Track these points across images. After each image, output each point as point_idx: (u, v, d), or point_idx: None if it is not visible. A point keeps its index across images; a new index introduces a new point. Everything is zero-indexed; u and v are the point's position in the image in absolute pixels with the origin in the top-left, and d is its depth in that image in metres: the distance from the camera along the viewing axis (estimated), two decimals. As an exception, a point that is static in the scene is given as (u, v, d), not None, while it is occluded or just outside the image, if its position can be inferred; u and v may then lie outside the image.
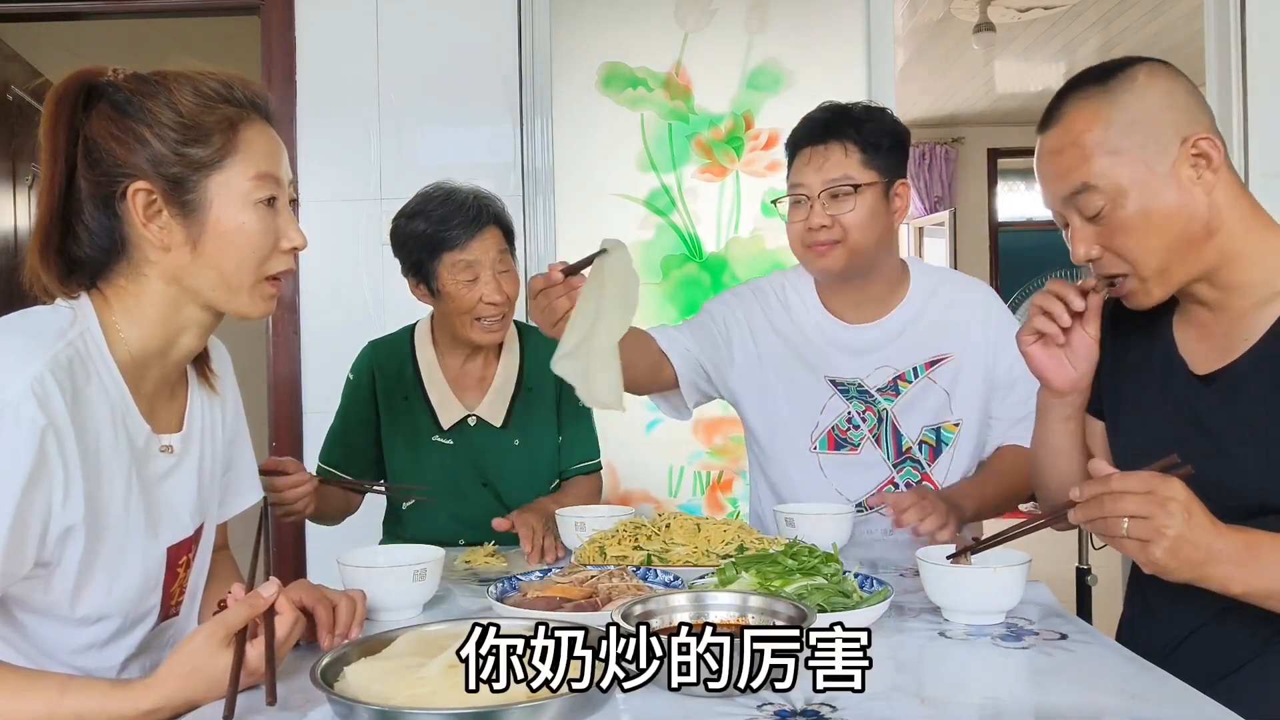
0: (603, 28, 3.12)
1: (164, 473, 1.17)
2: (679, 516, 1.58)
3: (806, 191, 1.75)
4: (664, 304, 3.12)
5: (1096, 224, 1.21)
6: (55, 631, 1.09)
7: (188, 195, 1.08)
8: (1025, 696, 0.97)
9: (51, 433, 0.98)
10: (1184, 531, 1.01)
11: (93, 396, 1.05)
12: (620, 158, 3.12)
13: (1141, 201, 1.18)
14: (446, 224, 1.84)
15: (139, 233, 1.08)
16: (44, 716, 0.96)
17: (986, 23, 4.88)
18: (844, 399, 1.84)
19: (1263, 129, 2.82)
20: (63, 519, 1.02)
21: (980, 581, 1.22)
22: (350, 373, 1.99)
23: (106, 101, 1.09)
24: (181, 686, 0.98)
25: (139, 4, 3.08)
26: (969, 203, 7.49)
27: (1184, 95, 1.20)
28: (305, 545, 2.87)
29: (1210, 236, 1.19)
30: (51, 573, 1.05)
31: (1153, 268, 1.20)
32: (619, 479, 2.97)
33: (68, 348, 1.04)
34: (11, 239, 3.51)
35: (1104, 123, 1.19)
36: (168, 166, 1.07)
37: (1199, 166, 1.17)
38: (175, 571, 1.19)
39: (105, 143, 1.07)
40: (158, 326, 1.13)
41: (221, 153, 1.09)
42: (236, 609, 1.01)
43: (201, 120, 1.08)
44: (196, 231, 1.09)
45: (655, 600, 1.13)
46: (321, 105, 2.88)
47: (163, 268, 1.10)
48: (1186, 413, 1.20)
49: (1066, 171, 1.21)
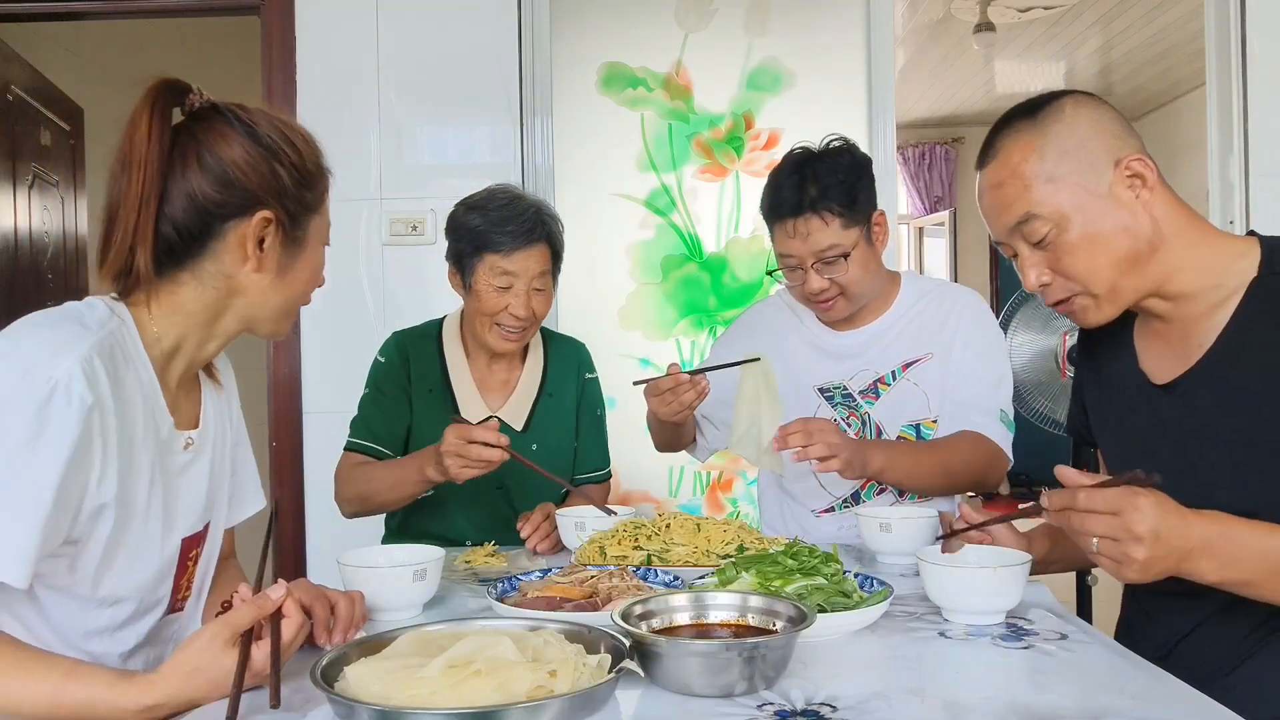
0: (603, 28, 3.13)
1: (182, 466, 1.20)
2: (679, 516, 1.58)
3: (797, 262, 1.80)
4: (664, 304, 3.12)
5: (1043, 250, 1.24)
6: (73, 612, 1.10)
7: (297, 231, 1.19)
8: (1025, 696, 0.97)
9: (97, 411, 1.03)
10: (1153, 553, 1.03)
11: (129, 383, 1.10)
12: (620, 158, 3.12)
13: (1084, 224, 1.21)
14: (500, 228, 1.83)
15: (234, 249, 1.14)
16: (49, 698, 0.97)
17: (986, 23, 4.89)
18: (830, 406, 1.90)
19: (1263, 129, 2.82)
20: (97, 497, 1.05)
21: (980, 581, 1.22)
22: (380, 355, 1.97)
23: (226, 124, 1.13)
24: (184, 684, 0.98)
25: (139, 4, 3.08)
26: (969, 203, 7.48)
27: (1110, 121, 1.24)
28: (305, 545, 2.87)
29: (1154, 252, 1.22)
30: (79, 550, 1.07)
31: (1103, 286, 1.23)
32: (619, 479, 2.96)
33: (109, 336, 1.08)
34: (11, 239, 3.51)
35: (1039, 152, 1.22)
36: (290, 204, 1.17)
37: (1134, 186, 1.21)
38: (185, 564, 1.22)
39: (243, 171, 1.12)
40: (196, 329, 1.18)
41: (319, 199, 1.22)
42: (243, 610, 1.01)
43: (314, 170, 1.20)
44: (288, 263, 1.19)
45: (655, 600, 1.13)
46: (321, 105, 2.87)
47: (234, 282, 1.16)
48: (1153, 422, 1.22)
49: (1009, 203, 1.24)
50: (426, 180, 2.89)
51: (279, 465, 2.90)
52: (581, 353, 2.07)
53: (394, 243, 2.88)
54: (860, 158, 1.83)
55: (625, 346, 3.08)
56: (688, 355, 3.10)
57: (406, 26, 2.89)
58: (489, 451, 1.60)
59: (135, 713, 0.97)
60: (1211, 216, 2.94)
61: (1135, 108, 7.08)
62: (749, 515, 3.03)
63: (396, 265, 2.89)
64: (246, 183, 1.12)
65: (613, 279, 3.12)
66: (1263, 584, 1.08)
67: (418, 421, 1.95)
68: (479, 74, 2.89)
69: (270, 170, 1.14)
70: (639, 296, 3.13)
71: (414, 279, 2.88)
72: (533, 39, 2.93)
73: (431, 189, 2.87)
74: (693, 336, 3.12)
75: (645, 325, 3.12)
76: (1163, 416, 1.27)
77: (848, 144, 1.83)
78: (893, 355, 1.88)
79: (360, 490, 1.84)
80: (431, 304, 2.72)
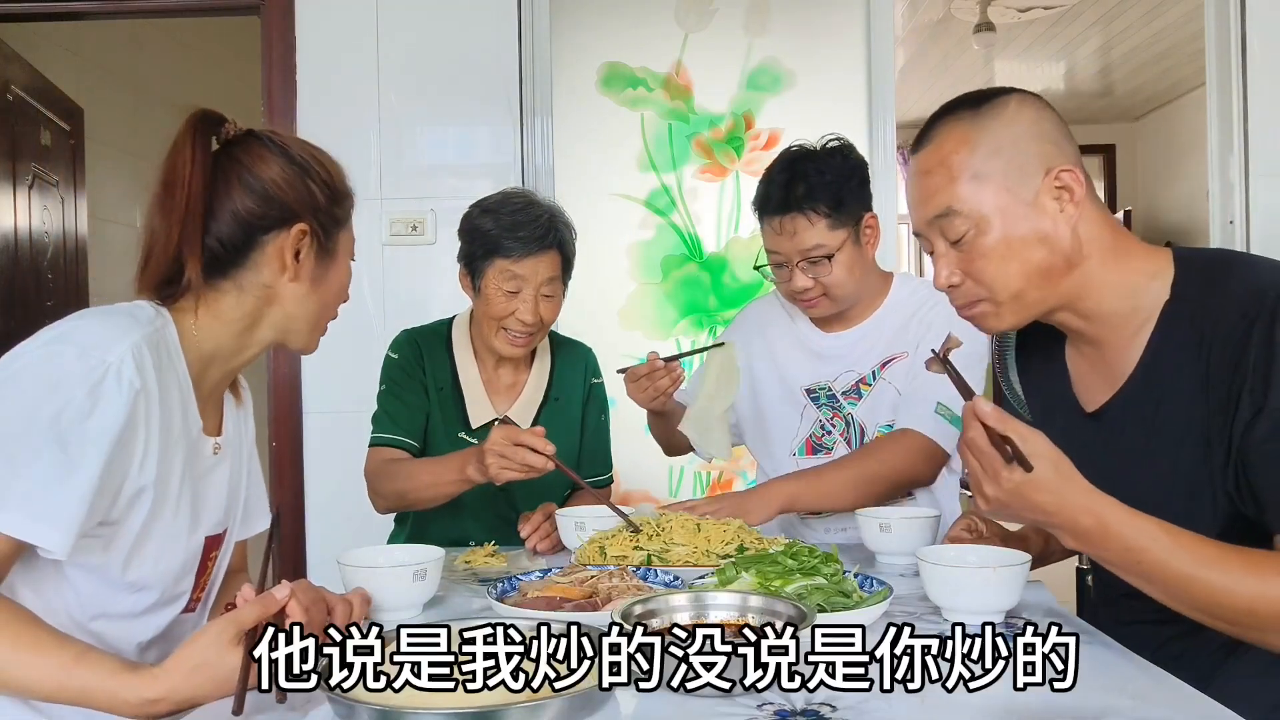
0: (603, 28, 3.13)
1: (208, 469, 1.27)
2: (679, 516, 1.58)
3: (783, 259, 1.81)
4: (664, 304, 3.12)
5: (959, 249, 1.22)
6: (99, 592, 1.14)
7: (330, 243, 1.28)
8: (1025, 696, 0.97)
9: (143, 397, 1.09)
10: (1006, 501, 1.07)
11: (170, 379, 1.16)
12: (620, 158, 3.12)
13: (1003, 229, 1.18)
14: (511, 232, 1.82)
15: (273, 259, 1.22)
16: (54, 679, 0.99)
17: (986, 23, 4.89)
18: (815, 407, 1.91)
19: (1263, 129, 2.82)
20: (137, 480, 1.11)
21: (980, 581, 1.22)
22: (392, 352, 1.97)
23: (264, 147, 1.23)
24: (186, 680, 0.98)
25: (139, 4, 3.08)
26: (969, 203, 7.48)
27: (1050, 126, 1.20)
28: (305, 545, 2.88)
29: (1070, 269, 1.19)
30: (115, 532, 1.12)
31: (1009, 293, 1.20)
32: (619, 479, 2.96)
33: (156, 332, 1.15)
34: (11, 239, 3.51)
35: (970, 146, 1.19)
36: (323, 217, 1.26)
37: (1061, 198, 1.18)
38: (206, 563, 1.28)
39: (281, 188, 1.22)
40: (234, 338, 1.25)
41: (348, 215, 1.32)
42: (248, 608, 1.02)
43: (343, 189, 1.30)
44: (321, 273, 1.28)
45: (655, 600, 1.13)
46: (321, 105, 2.87)
47: (272, 292, 1.24)
48: (1080, 450, 1.20)
49: (933, 194, 1.21)
50: (426, 180, 2.89)
51: (279, 465, 2.90)
52: (589, 357, 2.08)
53: (394, 243, 2.88)
54: (854, 160, 1.83)
55: (625, 346, 3.08)
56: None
57: (406, 26, 2.89)
58: (533, 456, 1.57)
59: (134, 705, 0.98)
60: (1211, 216, 2.94)
61: (1135, 108, 7.08)
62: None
63: (396, 265, 2.89)
64: (284, 198, 1.22)
65: (613, 279, 3.12)
66: (1122, 571, 1.09)
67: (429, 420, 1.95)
68: (479, 74, 2.89)
69: (305, 187, 1.24)
70: (639, 296, 3.13)
71: (414, 279, 2.88)
72: (533, 39, 2.93)
73: (431, 189, 2.87)
74: (693, 336, 3.12)
75: (645, 325, 3.12)
76: (1091, 442, 1.24)
77: (844, 145, 1.83)
78: (872, 355, 1.88)
79: (399, 486, 1.82)
80: (431, 304, 2.72)
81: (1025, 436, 1.06)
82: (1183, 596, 1.06)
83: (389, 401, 1.93)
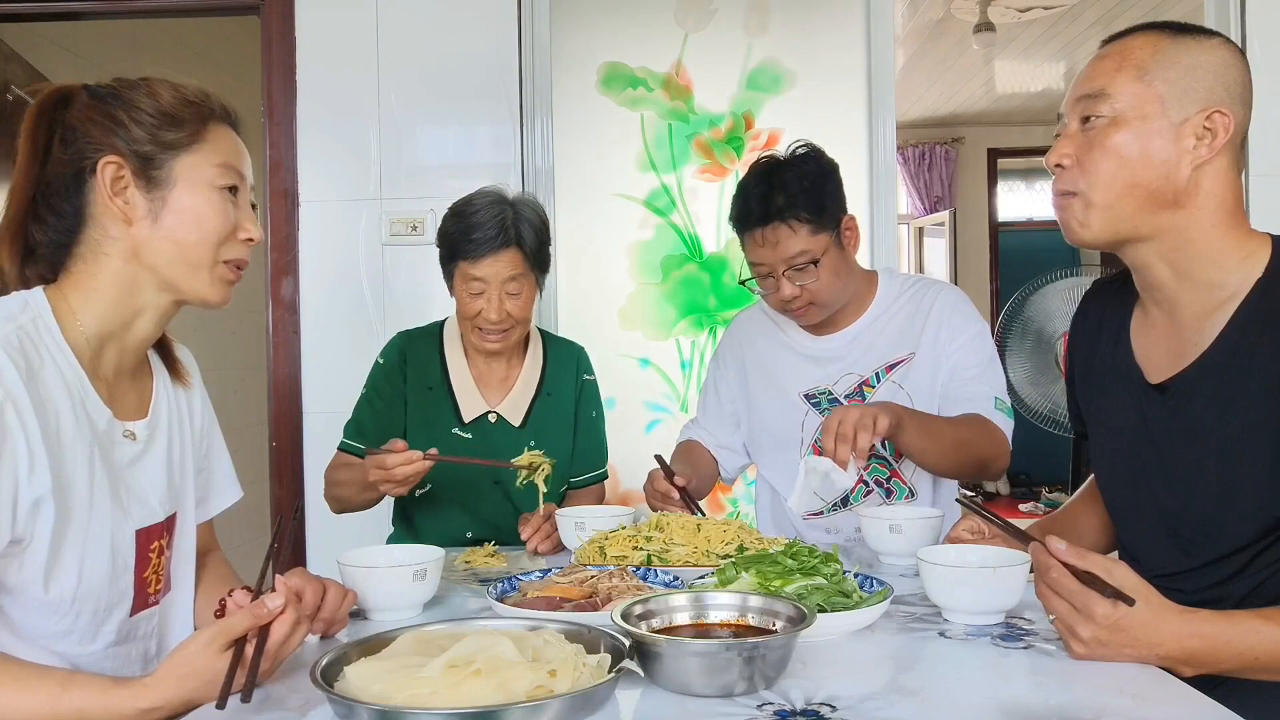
0: (603, 28, 3.12)
1: (132, 458, 1.21)
2: (679, 516, 1.58)
3: (768, 270, 1.81)
4: (663, 304, 3.12)
5: (1085, 133, 1.22)
6: (30, 615, 1.11)
7: (155, 171, 1.17)
8: (1025, 696, 0.97)
9: (10, 405, 1.04)
10: (1108, 639, 1.03)
11: (48, 378, 1.10)
12: (620, 158, 3.12)
13: (1135, 134, 1.19)
14: (468, 235, 1.86)
15: (103, 206, 1.16)
16: (46, 710, 0.98)
17: (986, 23, 4.89)
18: (817, 412, 1.91)
19: (1263, 129, 2.81)
20: (30, 490, 1.06)
21: (980, 581, 1.22)
22: (380, 358, 2.02)
23: (88, 94, 1.19)
24: (179, 687, 0.99)
25: (139, 4, 3.08)
26: (969, 203, 7.49)
27: (1236, 76, 1.21)
28: (305, 544, 2.87)
29: (1175, 207, 1.19)
30: (24, 550, 1.08)
31: (1107, 197, 1.21)
32: (619, 479, 2.96)
33: (18, 330, 1.09)
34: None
35: (1155, 51, 1.20)
36: (140, 145, 1.16)
37: (1203, 138, 1.18)
38: (147, 557, 1.21)
39: (83, 126, 1.16)
40: (115, 307, 1.18)
41: (191, 139, 1.19)
42: (240, 617, 1.02)
43: (176, 111, 1.19)
44: (159, 206, 1.17)
45: (655, 600, 1.13)
46: (321, 105, 2.87)
47: (124, 244, 1.17)
48: (1139, 423, 1.20)
49: (1098, 74, 1.23)
50: (426, 180, 2.89)
51: (279, 465, 2.90)
52: (580, 355, 2.11)
53: (394, 243, 2.88)
54: (827, 163, 1.83)
55: (625, 346, 3.08)
56: (687, 355, 3.10)
57: (406, 26, 2.89)
58: (412, 467, 1.64)
59: (132, 717, 0.98)
60: (1211, 216, 2.94)
61: (1135, 108, 7.07)
62: (749, 515, 3.03)
63: (396, 265, 2.89)
64: (86, 137, 1.16)
65: (613, 279, 3.12)
66: (1246, 674, 1.07)
67: (415, 420, 1.98)
68: (479, 74, 2.89)
69: (108, 118, 1.16)
70: (639, 296, 3.13)
71: (414, 279, 2.88)
72: (533, 39, 2.93)
73: (431, 189, 2.87)
74: (692, 336, 3.12)
75: (645, 325, 3.12)
76: (1152, 414, 1.25)
77: (813, 150, 1.84)
78: (874, 357, 1.88)
79: (336, 493, 1.93)
80: (431, 304, 2.72)
81: (1109, 569, 1.04)
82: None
83: (362, 409, 2.00)
